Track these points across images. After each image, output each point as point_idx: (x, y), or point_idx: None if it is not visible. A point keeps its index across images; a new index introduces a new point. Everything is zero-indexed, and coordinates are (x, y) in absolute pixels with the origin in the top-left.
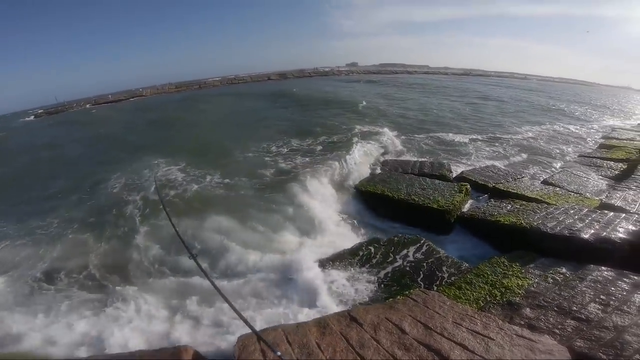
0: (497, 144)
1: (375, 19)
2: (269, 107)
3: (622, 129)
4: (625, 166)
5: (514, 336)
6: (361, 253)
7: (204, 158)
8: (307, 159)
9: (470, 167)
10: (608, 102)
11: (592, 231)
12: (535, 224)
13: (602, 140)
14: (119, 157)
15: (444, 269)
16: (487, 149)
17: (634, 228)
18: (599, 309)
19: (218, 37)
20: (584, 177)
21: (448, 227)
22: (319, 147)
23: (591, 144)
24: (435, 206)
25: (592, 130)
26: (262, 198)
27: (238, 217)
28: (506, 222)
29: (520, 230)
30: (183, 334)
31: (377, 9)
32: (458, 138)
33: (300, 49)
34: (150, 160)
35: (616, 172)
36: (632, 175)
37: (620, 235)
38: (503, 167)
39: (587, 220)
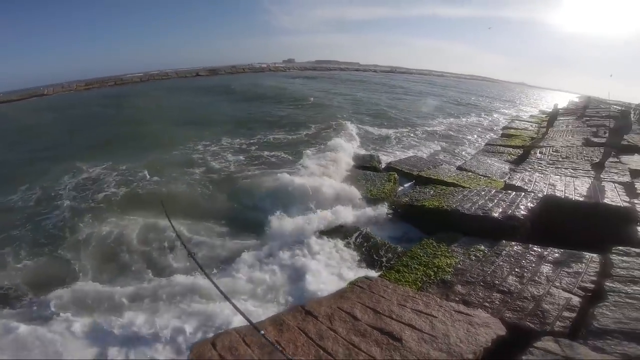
0: (418, 136)
1: (312, 16)
2: (202, 103)
3: (519, 119)
4: (522, 152)
5: (453, 312)
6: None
7: (132, 157)
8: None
9: (397, 158)
10: (507, 95)
11: (500, 210)
12: (455, 206)
13: (503, 130)
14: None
15: (382, 253)
16: (410, 140)
17: (531, 205)
18: (516, 281)
19: (140, 32)
20: (491, 162)
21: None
22: (254, 147)
23: (495, 134)
24: (369, 195)
25: (495, 121)
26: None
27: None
28: (431, 207)
29: (442, 212)
30: None
31: (315, 6)
32: (384, 131)
33: (234, 45)
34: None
35: (515, 157)
36: (527, 159)
37: (522, 212)
38: (424, 157)
39: (495, 200)
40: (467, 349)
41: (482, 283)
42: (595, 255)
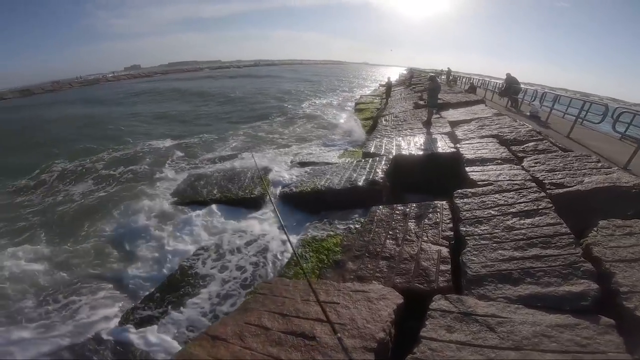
0: (279, 122)
1: (157, 17)
2: None
3: (365, 95)
4: (371, 122)
5: (351, 293)
6: (193, 271)
7: None
8: None
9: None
10: (355, 75)
11: (364, 177)
12: (327, 184)
13: (355, 107)
14: None
15: (276, 249)
16: (273, 128)
17: (386, 167)
18: (393, 244)
19: None
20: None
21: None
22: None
23: (349, 111)
24: (248, 196)
25: (348, 98)
26: None
27: None
28: (309, 190)
29: (319, 193)
30: None
31: (158, 7)
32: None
33: (59, 58)
34: None
35: (367, 128)
36: (377, 128)
37: (381, 175)
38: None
39: (358, 170)
40: (376, 327)
41: (367, 255)
42: (444, 202)
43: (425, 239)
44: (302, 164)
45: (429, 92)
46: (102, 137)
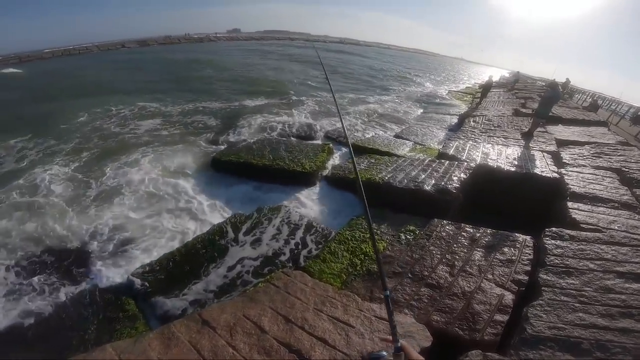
0: (361, 104)
1: None
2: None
3: (455, 91)
4: (456, 120)
5: (373, 319)
6: (218, 237)
7: None
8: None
9: (334, 127)
10: (446, 68)
11: (433, 181)
12: (387, 178)
13: (440, 100)
14: None
15: (309, 238)
16: (352, 108)
17: (464, 176)
18: (447, 272)
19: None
20: (427, 130)
21: (314, 186)
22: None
23: (433, 103)
24: (299, 169)
25: (434, 91)
26: None
27: None
28: (362, 179)
29: (374, 186)
30: None
31: None
32: (330, 96)
33: (171, 16)
34: None
35: (450, 125)
36: (462, 127)
37: (455, 184)
38: (362, 125)
39: (428, 171)
40: None
41: (410, 274)
42: (528, 238)
43: (490, 276)
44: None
45: (543, 100)
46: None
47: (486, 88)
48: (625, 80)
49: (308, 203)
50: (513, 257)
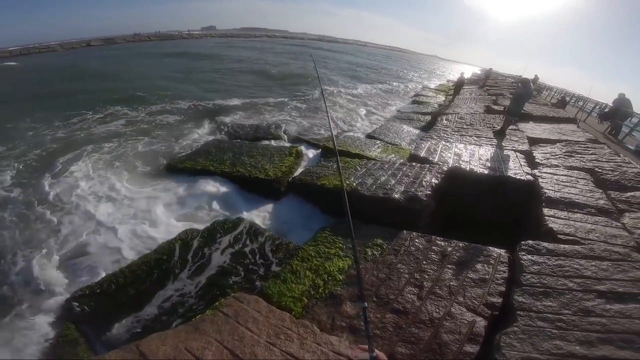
0: (333, 102)
1: None
2: None
3: (428, 88)
4: (429, 118)
5: (331, 355)
6: (165, 257)
7: None
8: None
9: (304, 125)
10: (420, 66)
11: (403, 188)
12: (355, 184)
13: (414, 97)
14: None
15: (271, 255)
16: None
17: (436, 181)
18: (414, 294)
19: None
20: (400, 129)
21: (279, 196)
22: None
23: (407, 101)
24: (262, 176)
25: (408, 89)
26: None
27: None
28: (330, 186)
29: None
30: None
31: None
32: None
33: (139, 13)
34: None
35: (423, 123)
36: (434, 126)
37: (427, 191)
38: (338, 123)
39: (399, 175)
40: None
41: (375, 298)
42: (503, 252)
43: (461, 299)
44: (332, 151)
45: (515, 98)
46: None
47: (459, 85)
48: (588, 77)
49: (271, 213)
50: (486, 276)
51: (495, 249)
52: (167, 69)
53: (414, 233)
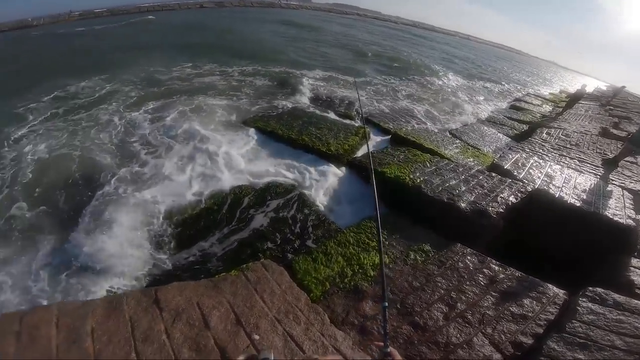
0: (424, 90)
1: None
2: None
3: (534, 95)
4: (526, 128)
5: (330, 348)
6: (216, 208)
7: None
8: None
9: (382, 109)
10: (533, 70)
11: (472, 198)
12: (419, 181)
13: (514, 102)
14: None
15: (310, 229)
16: (413, 92)
17: (514, 200)
18: (442, 313)
19: None
20: (487, 133)
21: (337, 172)
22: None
23: (508, 103)
24: (323, 149)
25: (510, 90)
26: None
27: None
28: (390, 176)
29: (402, 187)
30: None
31: None
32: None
33: None
34: None
35: (517, 132)
36: (530, 138)
37: (499, 208)
38: (420, 112)
39: (472, 183)
40: None
41: (399, 305)
42: (561, 293)
43: (489, 330)
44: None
45: None
46: None
47: (575, 98)
48: None
49: (324, 188)
50: (530, 314)
51: (554, 288)
52: (267, 34)
53: (469, 249)
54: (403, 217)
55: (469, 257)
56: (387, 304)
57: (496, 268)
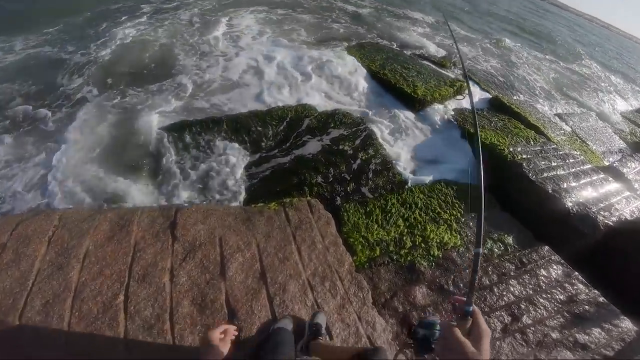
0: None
1: None
2: None
3: None
4: None
5: (364, 339)
6: (275, 123)
7: None
8: None
9: (487, 69)
10: None
11: (582, 200)
12: (520, 157)
13: None
14: None
15: (371, 175)
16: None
17: (628, 216)
18: (502, 323)
19: None
20: (602, 131)
21: (422, 120)
22: None
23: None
24: (408, 90)
25: None
26: None
27: None
28: (485, 141)
29: (497, 158)
30: None
31: None
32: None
33: None
34: None
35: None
36: None
37: (610, 221)
38: (531, 83)
39: (582, 181)
40: None
41: (452, 302)
42: (635, 330)
43: (543, 355)
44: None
45: None
46: None
47: None
48: None
49: (400, 132)
50: (592, 345)
51: (628, 323)
52: None
53: (557, 256)
54: (489, 197)
55: (554, 266)
56: (481, 250)
57: (580, 286)
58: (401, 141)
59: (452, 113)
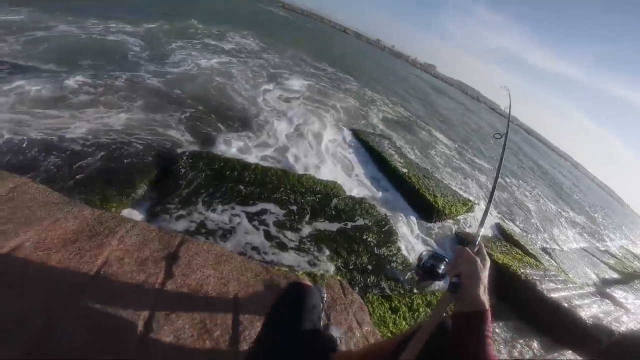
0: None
1: (483, 42)
2: None
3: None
4: (621, 277)
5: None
6: (322, 198)
7: None
8: None
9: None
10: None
11: (592, 313)
12: (532, 278)
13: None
14: None
15: (391, 272)
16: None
17: (633, 327)
18: None
19: None
20: (581, 264)
21: (432, 228)
22: None
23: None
24: (430, 198)
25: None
26: None
27: None
28: (498, 261)
29: (511, 275)
30: None
31: (487, 31)
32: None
33: (383, 20)
34: None
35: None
36: (630, 283)
37: (619, 328)
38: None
39: (587, 300)
40: None
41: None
42: None
43: None
44: (505, 234)
45: None
46: None
47: None
48: None
49: (417, 235)
50: None
51: None
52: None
53: (579, 358)
54: (501, 303)
55: None
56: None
57: None
58: (420, 243)
59: (458, 229)
